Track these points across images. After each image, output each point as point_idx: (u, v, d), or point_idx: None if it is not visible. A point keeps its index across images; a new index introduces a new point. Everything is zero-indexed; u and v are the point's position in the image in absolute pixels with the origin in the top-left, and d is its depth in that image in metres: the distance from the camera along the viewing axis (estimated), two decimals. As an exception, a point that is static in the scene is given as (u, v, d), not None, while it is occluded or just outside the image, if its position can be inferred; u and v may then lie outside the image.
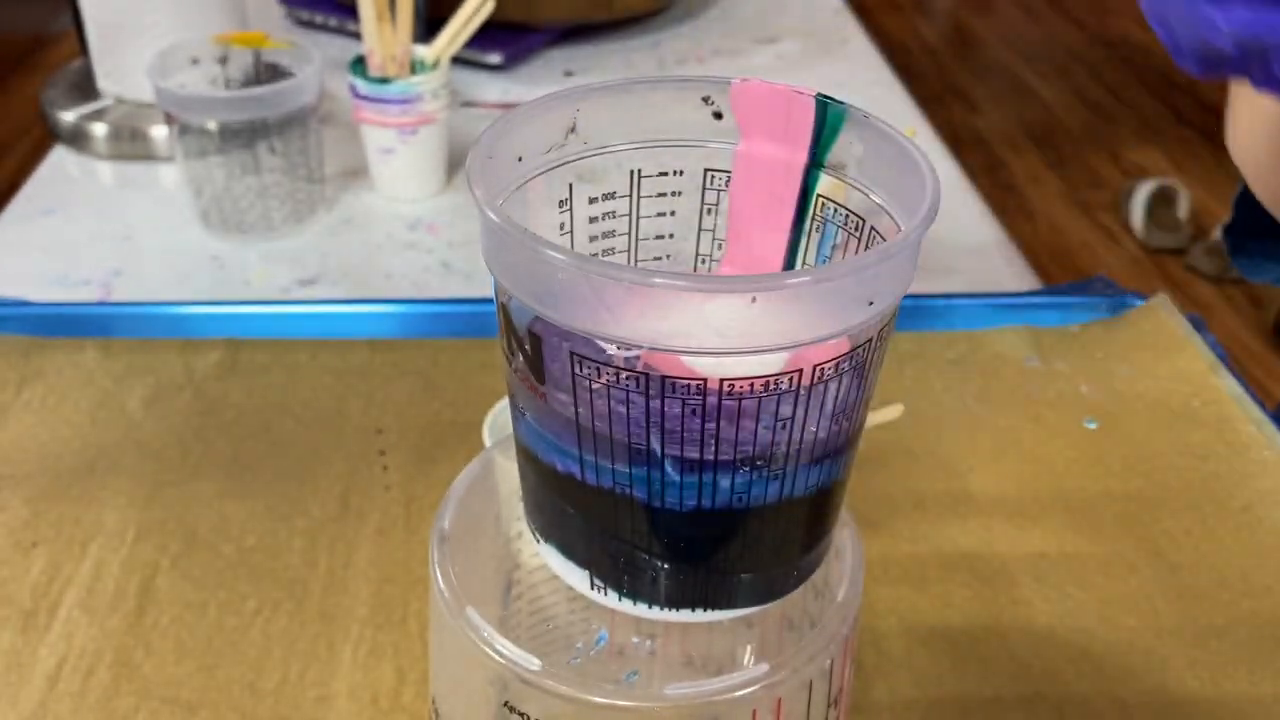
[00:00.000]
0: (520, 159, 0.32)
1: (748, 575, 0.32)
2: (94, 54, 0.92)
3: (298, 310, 0.70)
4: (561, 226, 0.34)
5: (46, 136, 0.96)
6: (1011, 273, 0.80)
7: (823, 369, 0.28)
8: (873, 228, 0.32)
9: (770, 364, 0.27)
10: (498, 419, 0.56)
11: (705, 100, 0.34)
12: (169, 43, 0.85)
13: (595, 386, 0.28)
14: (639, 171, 0.34)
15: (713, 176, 0.35)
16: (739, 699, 0.33)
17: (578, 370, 0.28)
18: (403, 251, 0.81)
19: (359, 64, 0.82)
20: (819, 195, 0.33)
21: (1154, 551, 0.56)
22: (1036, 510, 0.58)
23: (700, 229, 0.36)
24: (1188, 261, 2.27)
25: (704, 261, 0.36)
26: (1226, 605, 0.53)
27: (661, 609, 0.33)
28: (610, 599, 0.33)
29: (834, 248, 0.33)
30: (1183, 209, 2.34)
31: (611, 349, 0.27)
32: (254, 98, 0.75)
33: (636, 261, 0.36)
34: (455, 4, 0.83)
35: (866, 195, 0.32)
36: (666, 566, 0.32)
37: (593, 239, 0.35)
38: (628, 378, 0.28)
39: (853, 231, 0.33)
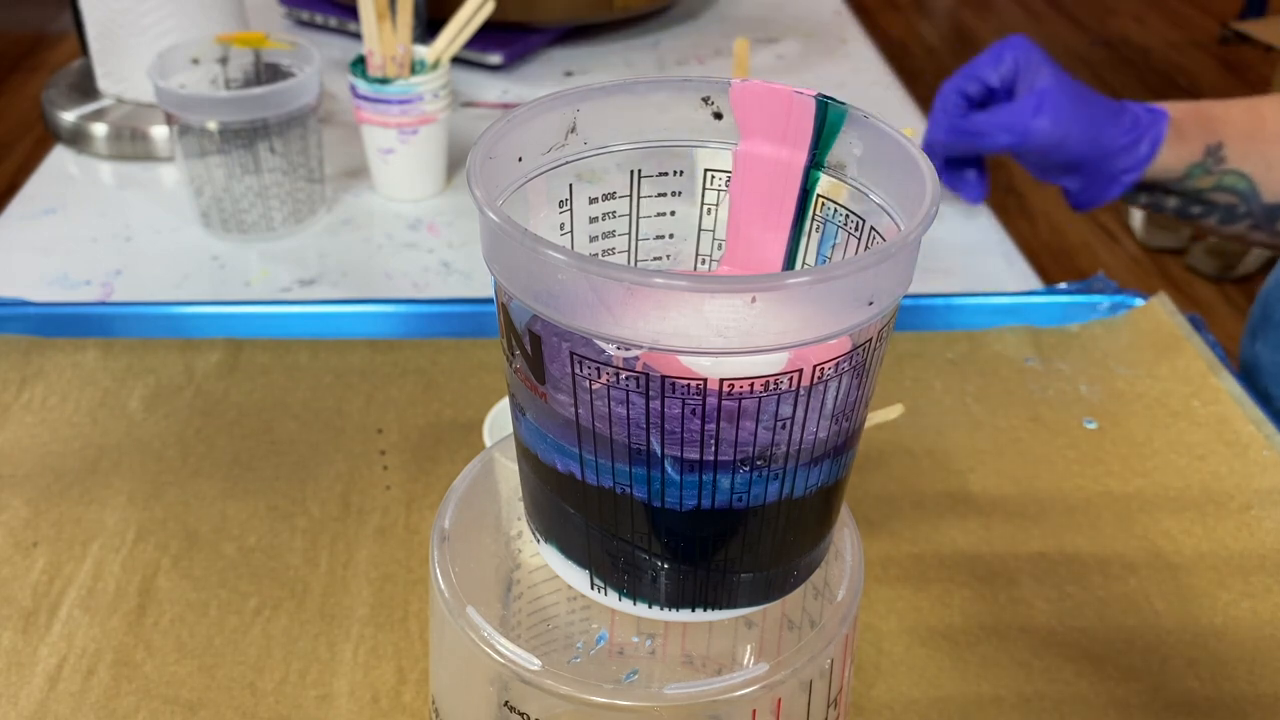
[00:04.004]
0: (520, 159, 0.32)
1: (748, 575, 0.32)
2: (94, 54, 0.92)
3: (298, 310, 0.70)
4: (561, 226, 0.34)
5: (47, 136, 0.96)
6: (1011, 273, 0.80)
7: (823, 369, 0.28)
8: (873, 228, 0.32)
9: (770, 364, 0.27)
10: (498, 419, 0.56)
11: (705, 100, 0.34)
12: (169, 43, 0.85)
13: (595, 387, 0.28)
14: (639, 171, 0.34)
15: (713, 176, 0.35)
16: (739, 699, 0.33)
17: (578, 370, 0.28)
18: (403, 251, 0.81)
19: (359, 64, 0.82)
20: (819, 195, 0.33)
21: (1154, 551, 0.56)
22: (1036, 510, 0.58)
23: (700, 229, 0.36)
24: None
25: (704, 261, 0.36)
26: (1226, 605, 0.53)
27: (661, 609, 0.33)
28: (610, 599, 0.33)
29: (834, 248, 0.33)
30: (1183, 209, 2.33)
31: (611, 349, 0.27)
32: (254, 98, 0.75)
33: (636, 261, 0.36)
34: (455, 4, 0.83)
35: (866, 195, 0.32)
36: (666, 566, 0.32)
37: (593, 239, 0.35)
38: (628, 378, 0.28)
39: (853, 231, 0.33)
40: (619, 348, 0.27)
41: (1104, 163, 0.77)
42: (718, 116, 0.34)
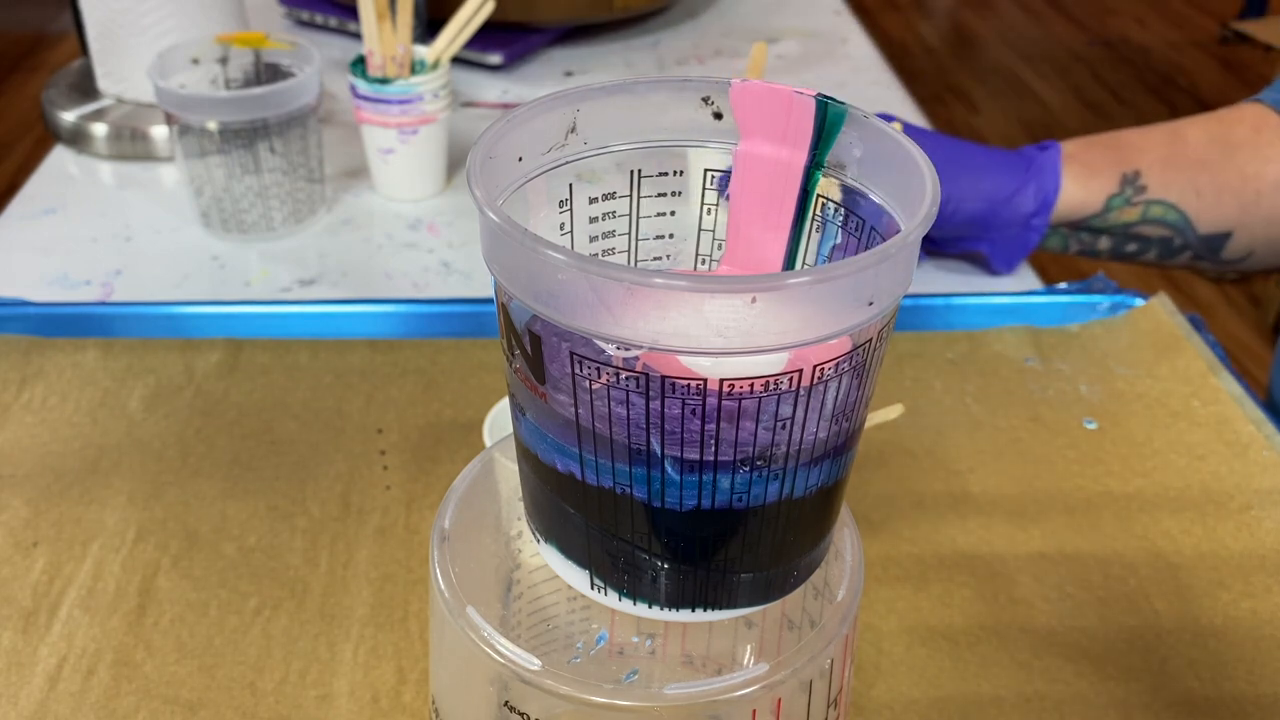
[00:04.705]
0: (520, 159, 0.32)
1: (748, 575, 0.32)
2: (94, 54, 0.92)
3: (298, 310, 0.70)
4: (561, 226, 0.34)
5: (47, 136, 0.96)
6: (1011, 273, 0.80)
7: (823, 369, 0.28)
8: (873, 228, 0.32)
9: (770, 364, 0.27)
10: (498, 419, 0.56)
11: (705, 100, 0.34)
12: (169, 43, 0.85)
13: (595, 387, 0.28)
14: (639, 171, 0.34)
15: (713, 176, 0.35)
16: (739, 699, 0.33)
17: (578, 370, 0.28)
18: (403, 251, 0.81)
19: (359, 64, 0.82)
20: (819, 195, 0.33)
21: (1154, 551, 0.56)
22: (1036, 510, 0.58)
23: (700, 229, 0.36)
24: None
25: (704, 261, 0.36)
26: (1226, 605, 0.53)
27: (661, 609, 0.33)
28: (610, 599, 0.33)
29: (834, 248, 0.33)
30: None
31: (611, 349, 0.27)
32: (254, 98, 0.75)
33: (636, 261, 0.36)
34: (455, 4, 0.83)
35: (866, 195, 0.32)
36: (666, 566, 0.32)
37: (593, 239, 0.35)
38: (627, 378, 0.28)
39: (853, 231, 0.33)
40: (619, 348, 0.27)
41: (1003, 212, 0.72)
42: (718, 116, 0.34)
